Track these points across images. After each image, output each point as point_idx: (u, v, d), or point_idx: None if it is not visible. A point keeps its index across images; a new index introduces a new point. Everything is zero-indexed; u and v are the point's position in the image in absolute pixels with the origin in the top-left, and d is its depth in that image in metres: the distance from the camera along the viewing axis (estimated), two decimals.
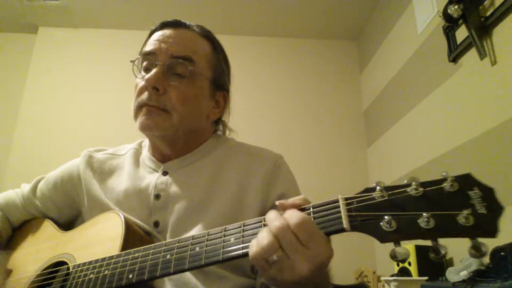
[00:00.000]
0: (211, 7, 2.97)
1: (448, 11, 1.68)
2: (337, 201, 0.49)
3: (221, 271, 0.72)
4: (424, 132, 2.15)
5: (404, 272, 1.80)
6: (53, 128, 2.95)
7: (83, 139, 2.81)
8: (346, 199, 0.49)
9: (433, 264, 1.75)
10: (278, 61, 3.24)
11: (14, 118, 2.99)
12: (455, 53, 1.83)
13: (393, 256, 0.45)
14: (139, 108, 0.79)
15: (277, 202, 0.53)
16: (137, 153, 0.90)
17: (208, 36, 0.85)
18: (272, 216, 0.50)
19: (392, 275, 1.81)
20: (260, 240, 0.48)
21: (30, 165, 2.76)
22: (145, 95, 0.77)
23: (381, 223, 0.45)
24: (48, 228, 0.89)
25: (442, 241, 0.44)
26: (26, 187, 0.96)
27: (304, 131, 3.05)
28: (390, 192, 0.46)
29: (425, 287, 1.57)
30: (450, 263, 1.78)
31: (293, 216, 0.48)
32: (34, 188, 0.94)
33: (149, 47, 0.80)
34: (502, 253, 1.24)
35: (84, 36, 3.18)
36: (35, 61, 3.11)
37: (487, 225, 0.41)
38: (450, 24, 1.83)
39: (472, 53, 1.72)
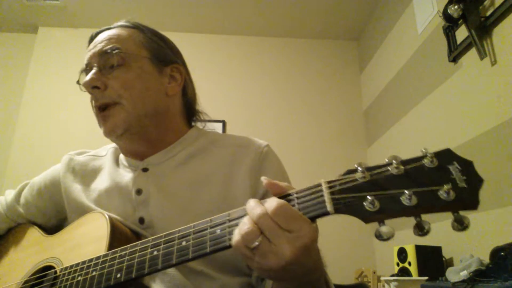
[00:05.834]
0: (211, 8, 2.97)
1: (448, 11, 1.68)
2: (320, 185, 0.49)
3: (214, 274, 0.70)
4: (424, 132, 2.15)
5: (404, 272, 1.79)
6: (53, 128, 2.96)
7: (83, 139, 2.79)
8: (328, 182, 0.49)
9: (433, 264, 1.75)
10: (278, 61, 3.25)
11: (14, 118, 3.00)
12: (455, 53, 1.83)
13: (378, 236, 0.44)
14: (97, 117, 0.79)
15: (262, 178, 0.53)
16: (117, 152, 0.89)
17: (129, 24, 0.85)
18: (252, 204, 0.50)
19: (392, 275, 1.81)
20: (241, 227, 0.48)
21: (30, 164, 2.77)
22: (93, 101, 0.78)
23: (364, 204, 0.45)
24: (33, 233, 0.87)
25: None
26: (10, 194, 0.94)
27: (304, 131, 3.05)
28: (371, 172, 0.47)
29: (425, 287, 1.57)
30: (450, 263, 1.78)
31: (272, 203, 0.48)
32: (18, 195, 0.92)
33: (84, 62, 0.82)
34: (502, 253, 1.24)
35: (84, 36, 3.12)
36: (35, 61, 3.12)
37: (468, 198, 0.42)
38: (450, 24, 1.83)
39: (472, 53, 1.72)
